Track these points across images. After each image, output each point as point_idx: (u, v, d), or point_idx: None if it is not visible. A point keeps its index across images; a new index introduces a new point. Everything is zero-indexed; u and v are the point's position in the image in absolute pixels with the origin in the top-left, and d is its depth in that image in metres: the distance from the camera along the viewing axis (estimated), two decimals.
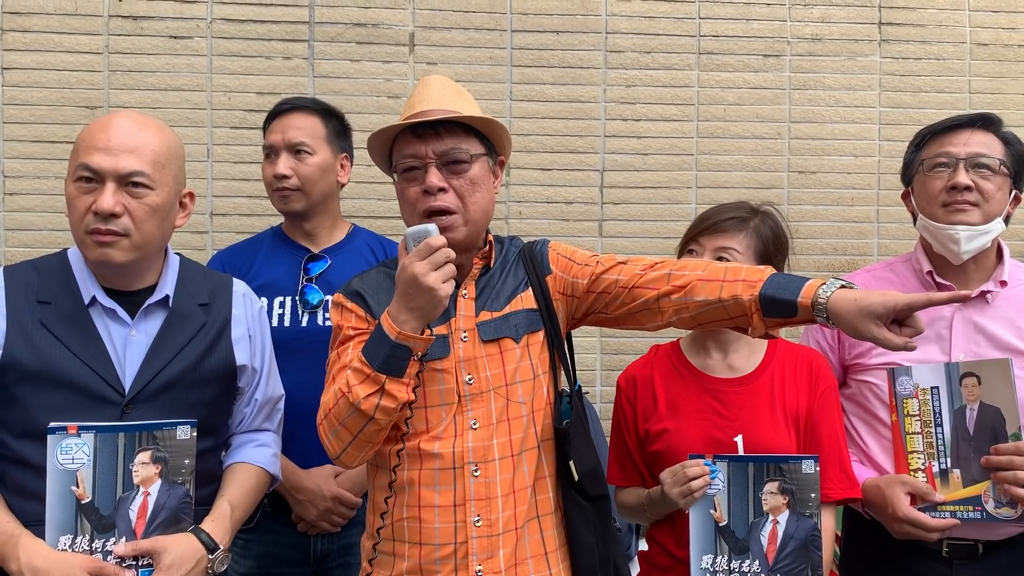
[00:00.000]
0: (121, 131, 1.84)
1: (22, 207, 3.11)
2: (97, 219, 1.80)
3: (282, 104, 2.58)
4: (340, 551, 2.51)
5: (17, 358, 1.80)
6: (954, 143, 2.20)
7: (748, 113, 3.39)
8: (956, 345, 2.19)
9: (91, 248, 1.83)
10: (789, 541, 1.95)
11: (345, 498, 2.44)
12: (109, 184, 1.81)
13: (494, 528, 1.81)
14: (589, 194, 3.34)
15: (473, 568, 1.80)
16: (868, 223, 3.43)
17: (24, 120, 3.10)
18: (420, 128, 1.83)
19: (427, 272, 1.67)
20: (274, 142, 2.51)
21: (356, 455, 1.79)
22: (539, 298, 1.93)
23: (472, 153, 1.84)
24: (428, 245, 1.69)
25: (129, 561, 1.79)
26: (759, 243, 2.11)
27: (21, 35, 3.10)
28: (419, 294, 1.68)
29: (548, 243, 1.99)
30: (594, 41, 3.33)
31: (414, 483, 1.82)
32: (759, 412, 2.09)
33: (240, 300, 2.06)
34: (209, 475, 1.97)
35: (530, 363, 1.89)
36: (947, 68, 3.44)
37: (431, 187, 1.80)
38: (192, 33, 3.17)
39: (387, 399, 1.71)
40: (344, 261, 2.55)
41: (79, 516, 1.77)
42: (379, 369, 1.70)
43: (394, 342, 1.69)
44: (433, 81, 1.92)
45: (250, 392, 2.06)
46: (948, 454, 2.12)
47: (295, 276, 2.51)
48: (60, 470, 1.76)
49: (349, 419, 1.73)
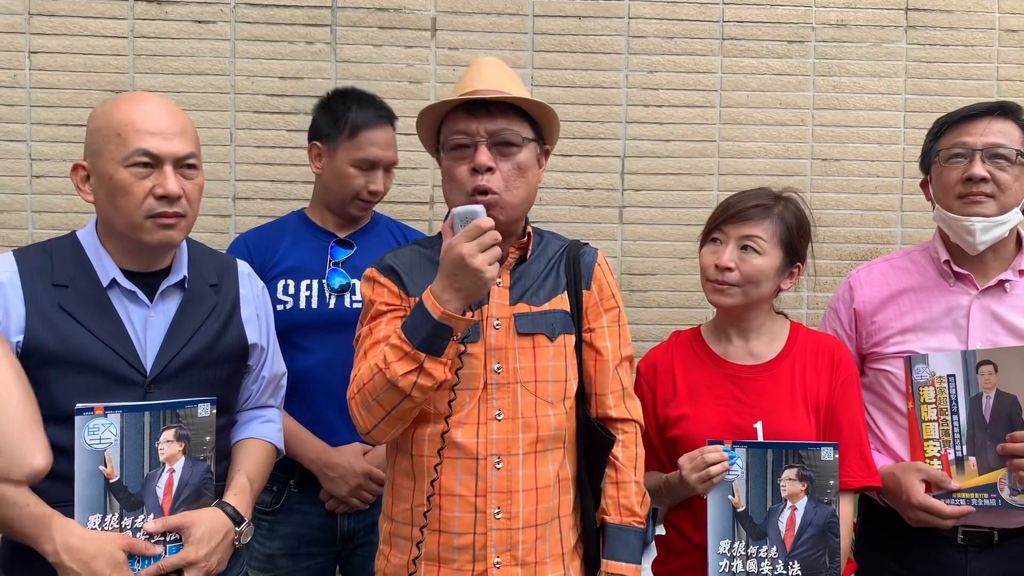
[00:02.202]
0: (166, 114, 1.86)
1: (49, 189, 3.15)
2: (163, 203, 1.82)
3: (377, 112, 2.56)
4: (366, 529, 2.54)
5: (40, 342, 1.81)
6: (971, 133, 2.17)
7: (771, 99, 3.36)
8: (973, 333, 2.17)
9: (151, 232, 1.84)
10: (807, 527, 1.96)
11: (375, 474, 2.47)
12: (167, 167, 1.83)
13: (514, 522, 1.82)
14: (610, 180, 3.33)
15: (491, 560, 1.81)
16: (892, 211, 3.40)
17: (51, 104, 3.14)
18: (473, 106, 1.81)
19: (475, 253, 1.66)
20: (380, 159, 2.52)
21: (387, 431, 1.80)
22: (572, 304, 1.93)
23: (524, 136, 1.83)
24: (477, 226, 1.68)
25: (157, 537, 1.82)
26: (783, 230, 2.11)
27: (48, 19, 3.14)
28: (465, 275, 1.67)
29: (597, 259, 1.99)
30: (616, 26, 3.32)
31: (435, 470, 1.83)
32: (779, 399, 2.09)
33: (246, 280, 2.08)
34: (225, 451, 2.01)
35: (564, 364, 1.89)
36: (975, 54, 3.40)
37: (480, 165, 1.80)
38: (216, 17, 3.19)
39: (425, 377, 1.71)
40: (369, 246, 2.58)
41: (108, 495, 1.80)
42: (419, 347, 1.70)
43: (437, 321, 1.69)
44: (487, 62, 1.90)
45: (258, 369, 2.09)
46: (964, 442, 2.12)
47: (321, 261, 2.53)
48: (88, 450, 1.78)
49: (384, 395, 1.74)
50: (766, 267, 2.08)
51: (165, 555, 1.82)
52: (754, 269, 2.07)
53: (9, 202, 3.14)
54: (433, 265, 1.86)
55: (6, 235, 3.13)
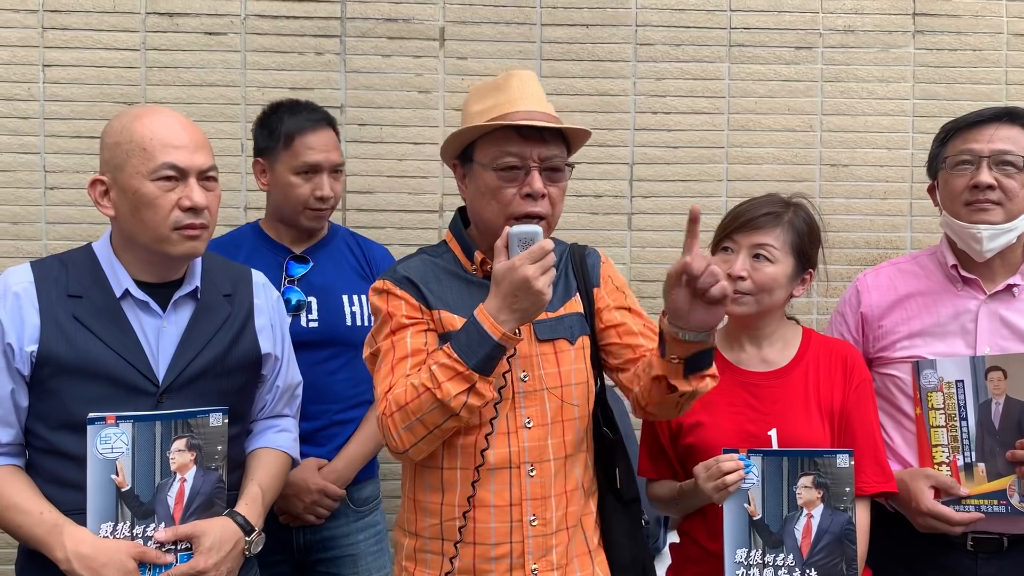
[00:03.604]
0: (185, 128, 1.89)
1: (63, 201, 3.18)
2: (189, 215, 1.85)
3: (310, 115, 2.54)
4: (321, 543, 2.54)
5: (54, 352, 1.83)
6: (978, 139, 2.17)
7: (780, 106, 3.36)
8: (981, 338, 2.17)
9: (177, 243, 1.87)
10: (823, 535, 1.96)
11: (330, 490, 2.46)
12: (192, 180, 1.86)
13: (548, 527, 1.83)
14: (618, 187, 3.34)
15: (529, 567, 1.81)
16: (901, 216, 3.39)
17: (64, 116, 3.17)
18: (526, 130, 1.81)
19: (538, 276, 1.66)
20: (319, 162, 2.49)
21: (425, 449, 1.78)
22: (585, 305, 1.94)
23: (567, 162, 1.86)
24: (543, 248, 1.67)
25: (168, 546, 1.83)
26: (794, 237, 2.11)
27: (61, 33, 3.17)
28: (527, 296, 1.67)
29: (601, 258, 2.01)
30: (624, 34, 3.33)
31: (466, 483, 1.82)
32: (793, 406, 2.09)
33: (261, 290, 2.10)
34: (238, 460, 2.02)
35: (584, 366, 1.90)
36: (983, 59, 3.39)
37: (537, 192, 1.80)
38: (226, 29, 3.22)
39: (475, 397, 1.70)
40: (326, 262, 2.57)
41: (119, 503, 1.82)
42: (475, 367, 1.68)
43: (496, 342, 1.68)
44: (528, 78, 1.90)
45: (272, 379, 2.10)
46: (973, 448, 2.11)
47: (276, 277, 2.48)
48: (100, 459, 1.80)
49: (430, 414, 1.71)
50: (779, 275, 2.09)
51: (176, 563, 1.83)
52: (767, 277, 2.08)
53: (24, 214, 3.17)
54: (448, 275, 1.87)
55: (20, 246, 3.16)
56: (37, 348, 1.84)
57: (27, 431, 1.89)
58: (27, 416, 1.88)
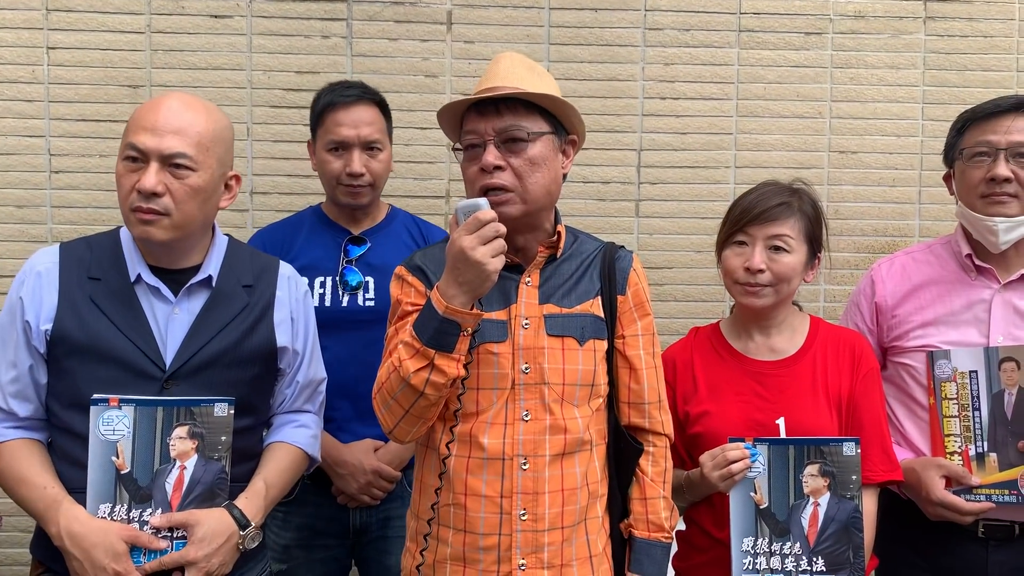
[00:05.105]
0: (169, 112, 1.87)
1: (68, 185, 3.17)
2: (140, 197, 1.84)
3: (344, 92, 2.53)
4: (379, 523, 2.54)
5: (67, 331, 1.86)
6: (995, 131, 2.16)
7: (789, 92, 3.34)
8: (995, 328, 2.17)
9: (134, 225, 1.88)
10: (830, 523, 1.96)
11: (385, 472, 2.46)
12: (153, 164, 1.84)
13: (539, 524, 1.81)
14: (626, 174, 3.32)
15: (516, 561, 1.80)
16: (910, 204, 3.38)
17: (69, 99, 3.15)
18: (482, 105, 1.82)
19: (475, 246, 1.66)
20: (347, 138, 2.48)
21: (408, 430, 1.80)
22: (607, 310, 1.92)
23: (532, 131, 1.82)
24: (476, 219, 1.67)
25: (165, 532, 1.83)
26: (807, 224, 2.11)
27: (66, 15, 3.14)
28: (467, 268, 1.67)
29: (632, 264, 1.97)
30: (632, 19, 3.30)
31: (461, 470, 1.82)
32: (801, 394, 2.09)
33: (285, 283, 2.08)
34: (249, 453, 2.01)
35: (593, 368, 1.88)
36: (994, 46, 3.37)
37: (486, 165, 1.79)
38: (232, 12, 3.20)
39: (437, 374, 1.71)
40: (383, 243, 2.57)
41: (118, 485, 1.83)
42: (428, 344, 1.70)
43: (442, 316, 1.68)
44: (504, 58, 1.90)
45: (291, 374, 2.09)
46: (985, 438, 2.11)
47: (335, 258, 2.53)
48: (101, 440, 1.82)
49: (400, 394, 1.74)
50: (796, 264, 2.09)
51: (172, 550, 1.83)
52: (786, 268, 2.07)
53: (29, 197, 3.16)
54: None
55: (25, 229, 3.15)
56: (51, 327, 1.87)
57: (47, 409, 1.92)
58: (46, 394, 1.91)
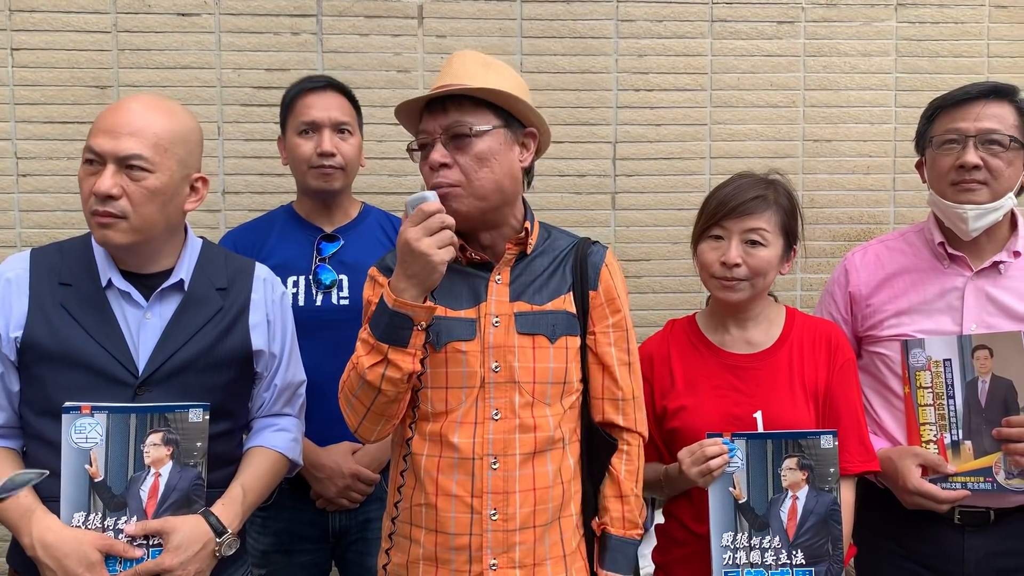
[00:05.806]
0: (128, 114, 1.84)
1: (36, 188, 3.12)
2: (97, 200, 1.81)
3: (313, 81, 2.55)
4: (358, 527, 2.53)
5: (37, 338, 1.84)
6: (965, 118, 2.16)
7: (762, 81, 3.34)
8: (968, 315, 2.17)
9: (94, 229, 1.85)
10: (809, 516, 1.96)
11: (363, 474, 2.45)
12: (109, 166, 1.82)
13: (511, 523, 1.80)
14: (602, 166, 3.31)
15: (487, 561, 1.79)
16: (884, 191, 3.39)
17: (35, 101, 3.11)
18: (432, 103, 1.82)
19: (419, 237, 1.66)
20: (317, 119, 2.48)
21: (372, 428, 1.80)
22: (579, 305, 1.91)
23: (477, 127, 1.80)
24: (421, 211, 1.68)
25: (140, 540, 1.81)
26: (782, 217, 2.11)
27: (29, 15, 3.10)
28: (413, 260, 1.67)
29: (605, 259, 1.96)
30: (605, 10, 3.29)
31: (432, 469, 1.81)
32: (778, 387, 2.09)
33: (260, 285, 2.05)
34: (227, 458, 1.99)
35: (564, 366, 1.87)
36: (965, 32, 3.38)
37: (432, 163, 1.80)
38: (200, 10, 3.16)
39: (392, 369, 1.70)
40: (357, 241, 2.55)
41: (92, 494, 1.81)
42: (381, 339, 1.70)
43: (392, 310, 1.68)
44: (458, 56, 1.88)
45: (269, 377, 2.07)
46: (960, 426, 2.12)
47: (308, 256, 2.51)
48: (74, 448, 1.80)
49: (360, 391, 1.74)
50: (772, 258, 2.08)
51: (147, 559, 1.81)
52: (762, 262, 2.07)
53: None
54: None
55: None
56: (21, 334, 1.85)
57: (21, 417, 1.90)
58: (19, 402, 1.89)
